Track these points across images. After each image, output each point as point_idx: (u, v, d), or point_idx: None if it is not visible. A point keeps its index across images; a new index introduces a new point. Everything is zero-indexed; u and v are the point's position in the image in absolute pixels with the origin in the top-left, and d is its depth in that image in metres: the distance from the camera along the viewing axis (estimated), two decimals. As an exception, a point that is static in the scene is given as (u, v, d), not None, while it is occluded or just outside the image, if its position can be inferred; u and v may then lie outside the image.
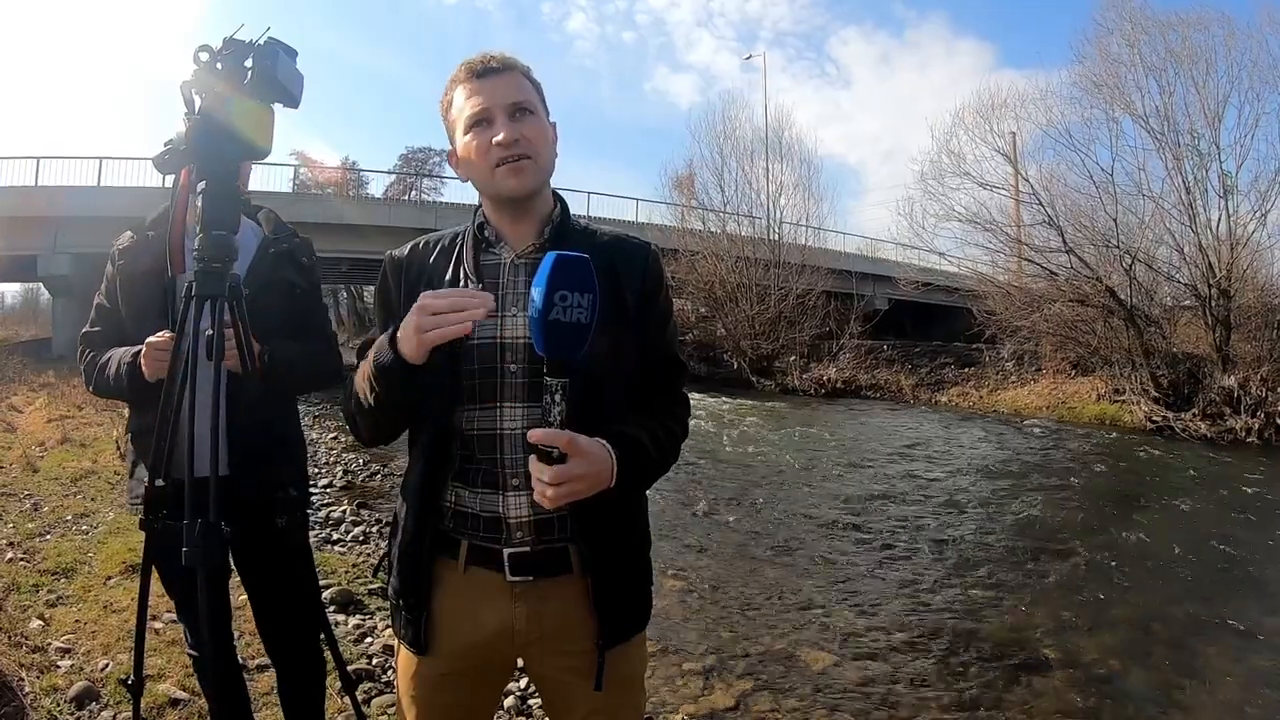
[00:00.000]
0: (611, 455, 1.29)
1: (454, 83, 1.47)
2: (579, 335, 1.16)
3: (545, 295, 1.14)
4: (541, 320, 1.15)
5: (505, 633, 1.45)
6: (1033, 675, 4.27)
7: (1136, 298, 16.95)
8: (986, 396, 20.13)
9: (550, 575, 1.44)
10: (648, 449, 1.41)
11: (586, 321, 1.15)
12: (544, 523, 1.42)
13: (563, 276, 1.15)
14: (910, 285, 23.71)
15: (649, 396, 1.53)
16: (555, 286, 1.14)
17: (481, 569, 1.44)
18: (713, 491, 8.91)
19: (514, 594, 1.44)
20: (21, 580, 4.30)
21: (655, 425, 1.47)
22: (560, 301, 1.14)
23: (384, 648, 3.90)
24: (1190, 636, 4.85)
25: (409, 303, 1.31)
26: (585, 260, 1.17)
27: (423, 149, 52.64)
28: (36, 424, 10.07)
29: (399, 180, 47.80)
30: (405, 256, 1.57)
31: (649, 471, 1.44)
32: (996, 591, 5.61)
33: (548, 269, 1.15)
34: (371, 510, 7.26)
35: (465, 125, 1.44)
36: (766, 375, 24.56)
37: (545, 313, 1.14)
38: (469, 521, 1.44)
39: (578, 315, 1.15)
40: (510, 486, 1.41)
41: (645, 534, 1.60)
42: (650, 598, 1.61)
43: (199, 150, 1.75)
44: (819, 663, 4.32)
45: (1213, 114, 16.99)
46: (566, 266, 1.16)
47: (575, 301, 1.14)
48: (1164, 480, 10.44)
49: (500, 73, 1.44)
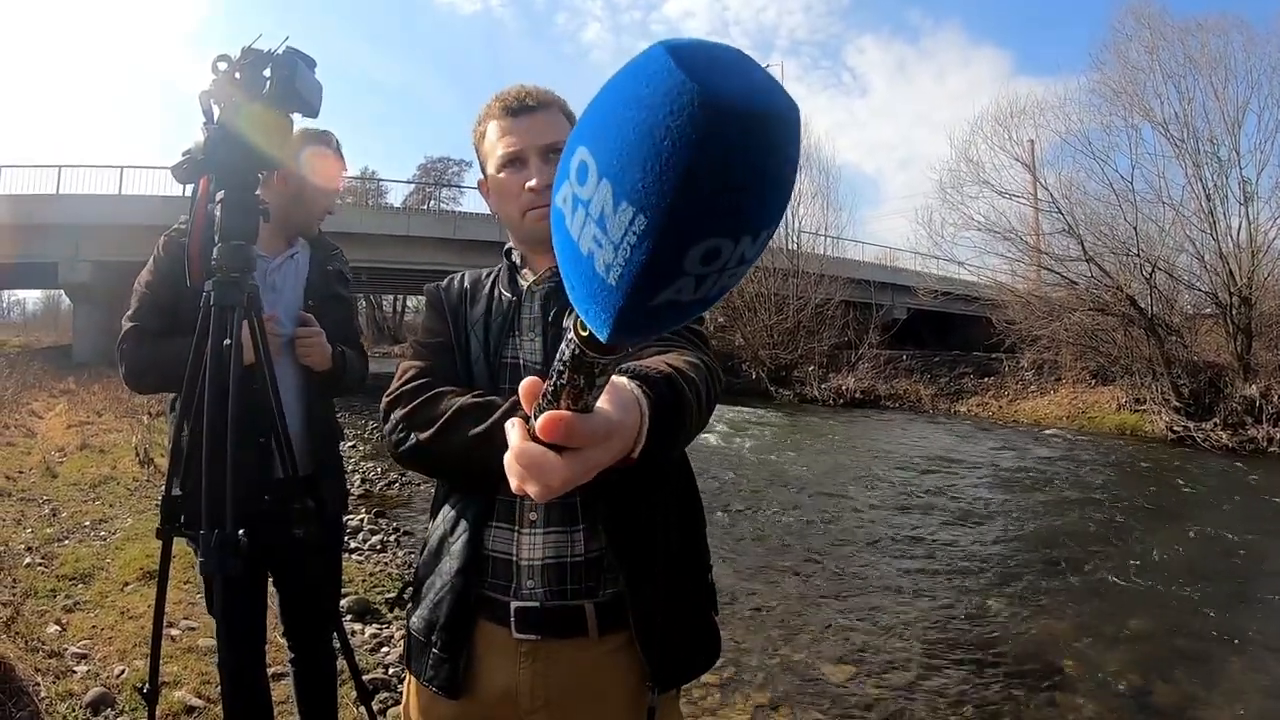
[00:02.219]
0: (640, 400, 0.79)
1: (488, 116, 1.44)
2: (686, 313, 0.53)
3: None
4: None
5: (509, 694, 1.34)
6: (1053, 688, 4.21)
7: (1157, 306, 16.81)
8: (1006, 406, 20.02)
9: (561, 637, 1.32)
10: (686, 381, 0.97)
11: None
12: (559, 568, 1.32)
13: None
14: (929, 294, 23.71)
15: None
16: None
17: (488, 622, 1.35)
18: (731, 502, 8.87)
19: (519, 653, 1.33)
20: (39, 585, 4.32)
21: (679, 355, 1.10)
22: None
23: (400, 658, 3.89)
24: (1212, 649, 4.78)
25: (454, 322, 1.45)
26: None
27: (441, 159, 53.16)
28: (56, 430, 10.14)
29: (418, 190, 48.15)
30: (445, 286, 1.56)
31: (687, 421, 0.96)
32: (1016, 603, 5.55)
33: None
34: (389, 519, 7.26)
35: (498, 163, 1.41)
36: (785, 385, 24.50)
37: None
38: (483, 564, 1.35)
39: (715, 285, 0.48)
40: (528, 522, 1.33)
41: (698, 551, 1.46)
42: (714, 631, 1.48)
43: (217, 160, 1.76)
44: (838, 675, 4.28)
45: (1232, 120, 16.97)
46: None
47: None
48: (1185, 491, 10.31)
49: (535, 111, 1.40)
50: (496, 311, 1.45)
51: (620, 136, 0.41)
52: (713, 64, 0.39)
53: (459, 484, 1.40)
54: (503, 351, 1.41)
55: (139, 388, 2.21)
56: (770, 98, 0.40)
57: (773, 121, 0.40)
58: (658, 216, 0.40)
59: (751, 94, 0.39)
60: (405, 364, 1.44)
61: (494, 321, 1.44)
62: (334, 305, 2.39)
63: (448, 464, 1.34)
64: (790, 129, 0.41)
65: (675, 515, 1.42)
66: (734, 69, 0.40)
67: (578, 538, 1.32)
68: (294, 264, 2.34)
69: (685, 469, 1.46)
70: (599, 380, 0.54)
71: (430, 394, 1.33)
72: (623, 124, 0.41)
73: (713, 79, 0.38)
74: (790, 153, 0.42)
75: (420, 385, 1.36)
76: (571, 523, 1.33)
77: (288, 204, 2.23)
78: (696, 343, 1.28)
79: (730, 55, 0.41)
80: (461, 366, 1.43)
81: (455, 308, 1.49)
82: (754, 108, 0.39)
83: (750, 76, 0.40)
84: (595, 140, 0.42)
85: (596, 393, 0.55)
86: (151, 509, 6.01)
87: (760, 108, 0.39)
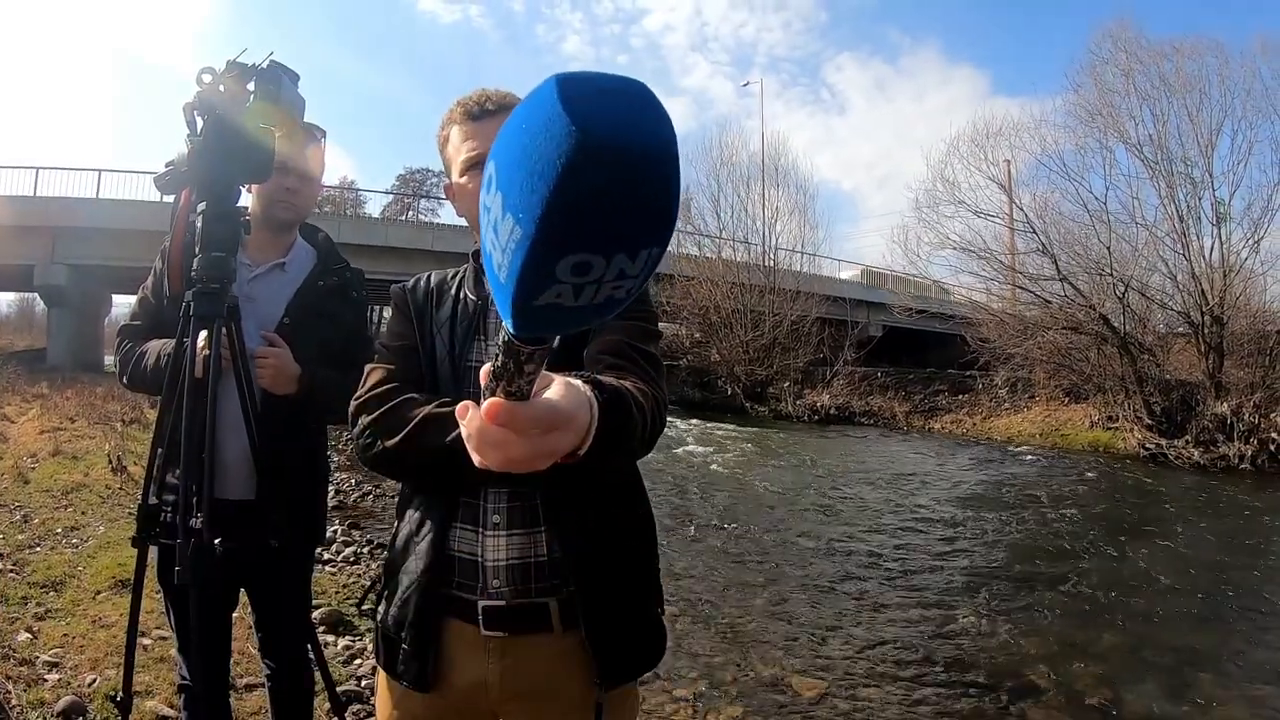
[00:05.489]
0: (592, 401, 0.82)
1: (450, 121, 1.46)
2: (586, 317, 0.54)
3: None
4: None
5: (479, 687, 1.38)
6: (1024, 703, 4.25)
7: (1130, 325, 17.07)
8: (980, 423, 20.20)
9: (527, 632, 1.36)
10: (634, 399, 1.07)
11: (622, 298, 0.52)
12: (523, 568, 1.35)
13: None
14: (904, 312, 23.88)
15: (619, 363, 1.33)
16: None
17: (457, 620, 1.38)
18: (703, 516, 8.88)
19: (488, 648, 1.37)
20: (10, 592, 4.28)
21: (634, 382, 1.18)
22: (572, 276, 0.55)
23: (373, 669, 3.87)
24: (1183, 664, 4.84)
25: (420, 324, 1.47)
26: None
27: (420, 170, 52.98)
28: (29, 435, 10.02)
29: (396, 200, 48.05)
30: (410, 287, 1.57)
31: (632, 433, 1.05)
32: (988, 619, 5.59)
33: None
34: (363, 530, 7.21)
35: (460, 167, 1.43)
36: (760, 401, 24.64)
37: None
38: (449, 564, 1.38)
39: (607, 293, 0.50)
40: (491, 525, 1.36)
41: (649, 558, 1.50)
42: (660, 632, 1.50)
43: (200, 171, 1.77)
44: (810, 690, 4.29)
45: (1206, 142, 17.27)
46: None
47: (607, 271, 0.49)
48: (1157, 507, 10.43)
49: (496, 114, 1.41)
50: (462, 315, 1.48)
51: (510, 155, 0.45)
52: (593, 99, 0.43)
53: (423, 487, 1.44)
54: (468, 354, 1.43)
55: (129, 386, 2.22)
56: (642, 135, 0.44)
57: (640, 157, 0.43)
58: (530, 228, 0.44)
59: (623, 130, 0.43)
60: (370, 367, 1.46)
61: (459, 324, 1.47)
62: (320, 324, 2.22)
63: (412, 469, 1.39)
64: (659, 164, 0.45)
65: (626, 521, 1.46)
66: (615, 105, 0.43)
67: (540, 539, 1.36)
68: (282, 274, 2.23)
69: (635, 475, 1.50)
70: (527, 368, 0.58)
71: (395, 401, 1.36)
72: (512, 145, 0.45)
73: (588, 113, 0.42)
74: (659, 185, 0.45)
75: (386, 391, 1.39)
76: (534, 525, 1.36)
77: (273, 195, 2.16)
78: (652, 374, 1.32)
79: (616, 91, 0.44)
80: (426, 368, 1.45)
81: (421, 309, 1.51)
82: (620, 144, 0.42)
83: (629, 112, 0.44)
84: (498, 155, 0.47)
85: (528, 379, 0.59)
86: (125, 517, 5.95)
87: (627, 143, 0.43)
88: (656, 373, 1.36)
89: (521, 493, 1.35)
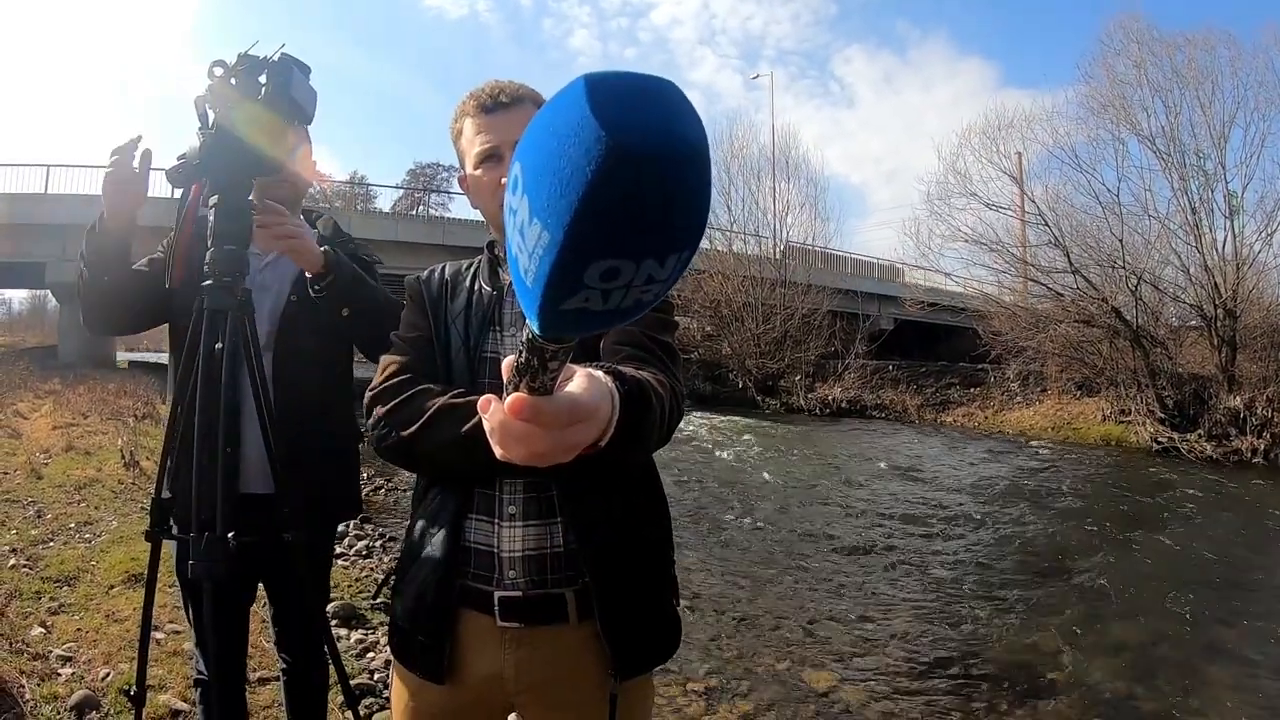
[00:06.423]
0: (614, 393, 0.81)
1: (463, 113, 1.45)
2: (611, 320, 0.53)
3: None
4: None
5: (495, 678, 1.38)
6: (1037, 697, 4.24)
7: (1142, 318, 16.95)
8: (991, 417, 20.10)
9: (543, 624, 1.36)
10: (654, 390, 1.05)
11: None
12: (539, 560, 1.35)
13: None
14: (916, 305, 23.80)
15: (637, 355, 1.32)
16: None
17: (473, 611, 1.38)
18: (716, 509, 8.89)
19: (504, 640, 1.37)
20: (24, 587, 4.30)
21: (652, 373, 1.16)
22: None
23: (386, 663, 3.88)
24: (1195, 659, 4.82)
25: (434, 315, 1.47)
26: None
27: (431, 164, 53.03)
28: (41, 431, 10.07)
29: (407, 195, 48.06)
30: (425, 278, 1.57)
31: (652, 424, 1.04)
32: (1001, 612, 5.58)
33: None
34: (375, 524, 7.23)
35: (474, 160, 1.42)
36: (771, 394, 24.58)
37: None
38: (465, 555, 1.38)
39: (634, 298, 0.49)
40: (507, 516, 1.36)
41: (665, 549, 1.49)
42: (675, 624, 1.49)
43: (212, 164, 1.76)
44: (822, 683, 4.29)
45: (1219, 134, 17.11)
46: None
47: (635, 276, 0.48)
48: (1169, 501, 10.37)
49: (509, 108, 1.41)
50: (477, 306, 1.47)
51: (537, 159, 0.44)
52: (622, 102, 0.41)
53: (438, 478, 1.44)
54: (483, 345, 1.43)
55: (91, 326, 2.21)
56: (672, 140, 0.42)
57: (671, 162, 0.42)
58: (558, 234, 0.42)
59: (653, 135, 0.41)
60: (386, 358, 1.46)
61: (474, 315, 1.46)
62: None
63: (427, 460, 1.38)
64: (692, 168, 0.44)
65: (642, 513, 1.45)
66: (644, 109, 0.42)
67: (555, 530, 1.35)
68: (288, 259, 2.12)
69: (651, 467, 1.50)
70: (551, 365, 0.56)
71: (410, 392, 1.36)
72: (540, 148, 0.44)
73: (617, 118, 0.41)
74: (691, 189, 0.44)
75: (401, 382, 1.39)
76: (550, 516, 1.36)
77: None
78: (669, 366, 1.32)
79: (646, 93, 0.43)
80: (441, 360, 1.45)
81: (435, 301, 1.51)
82: (651, 150, 0.41)
83: (659, 117, 0.42)
84: (524, 157, 0.45)
85: (552, 375, 0.58)
86: (137, 512, 5.98)
87: (659, 149, 0.41)
88: (673, 363, 1.36)
89: (537, 484, 1.35)
